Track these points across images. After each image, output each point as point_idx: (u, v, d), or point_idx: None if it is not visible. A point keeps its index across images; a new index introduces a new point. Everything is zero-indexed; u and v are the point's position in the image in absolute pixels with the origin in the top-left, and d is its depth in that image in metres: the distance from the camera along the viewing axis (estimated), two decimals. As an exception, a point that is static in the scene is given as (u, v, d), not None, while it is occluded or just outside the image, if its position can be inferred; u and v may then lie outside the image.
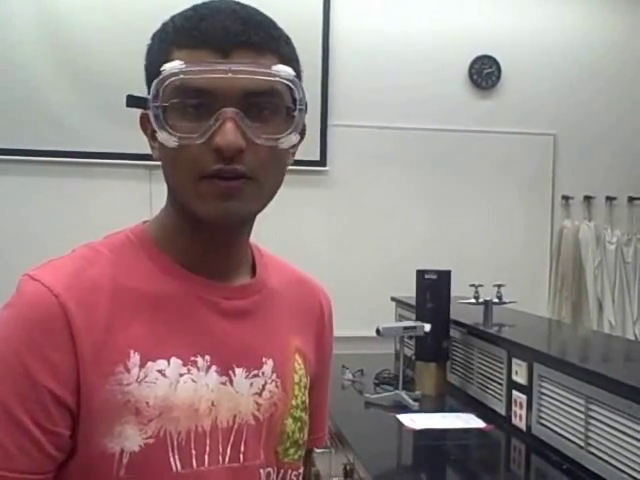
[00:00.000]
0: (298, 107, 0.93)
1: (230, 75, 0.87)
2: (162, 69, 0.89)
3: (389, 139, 5.12)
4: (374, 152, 5.11)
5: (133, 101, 0.94)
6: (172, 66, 0.88)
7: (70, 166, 4.78)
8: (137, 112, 0.97)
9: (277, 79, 0.90)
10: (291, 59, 0.95)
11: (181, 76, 0.88)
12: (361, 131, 5.09)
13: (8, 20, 4.69)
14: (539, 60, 5.32)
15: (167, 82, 0.88)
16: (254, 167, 0.90)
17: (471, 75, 5.26)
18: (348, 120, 5.03)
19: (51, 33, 4.73)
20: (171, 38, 0.92)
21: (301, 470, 1.07)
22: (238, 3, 0.94)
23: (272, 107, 0.91)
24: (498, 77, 5.28)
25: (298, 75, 0.95)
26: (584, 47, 5.36)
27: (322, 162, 5.00)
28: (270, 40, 0.92)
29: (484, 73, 5.27)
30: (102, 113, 4.70)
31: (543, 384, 2.40)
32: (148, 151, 0.99)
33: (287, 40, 0.96)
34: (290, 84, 0.92)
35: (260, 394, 0.99)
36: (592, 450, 2.12)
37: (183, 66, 0.88)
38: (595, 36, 5.37)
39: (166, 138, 0.90)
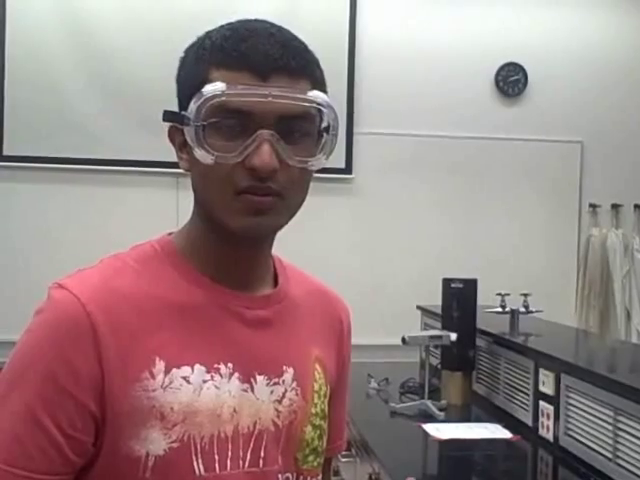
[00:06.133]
0: (331, 132, 0.98)
1: (269, 99, 0.90)
2: (203, 90, 0.91)
3: (415, 147, 5.11)
4: (400, 160, 5.09)
5: (170, 116, 0.97)
6: (214, 88, 0.91)
7: (97, 174, 4.81)
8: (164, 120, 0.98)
9: (314, 105, 0.95)
10: (322, 83, 0.99)
11: (223, 98, 0.91)
12: (387, 139, 5.07)
13: (38, 31, 4.74)
14: (566, 67, 5.27)
15: (209, 103, 0.91)
16: (285, 186, 0.94)
17: (497, 82, 5.24)
18: (374, 128, 5.03)
19: (80, 44, 4.78)
20: (209, 56, 0.94)
21: (320, 477, 1.09)
22: (274, 25, 0.98)
23: (304, 130, 0.95)
24: (524, 84, 5.24)
25: None
26: (611, 54, 5.31)
27: (348, 170, 4.99)
28: (306, 65, 0.96)
29: (510, 80, 5.24)
30: (129, 121, 4.74)
31: (570, 395, 2.38)
32: (175, 159, 1.01)
33: (318, 64, 1.00)
34: (325, 109, 0.96)
35: (280, 401, 1.01)
36: (620, 462, 2.09)
37: (224, 88, 0.91)
38: (622, 43, 5.32)
39: (203, 155, 0.92)
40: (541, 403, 2.56)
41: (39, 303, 0.94)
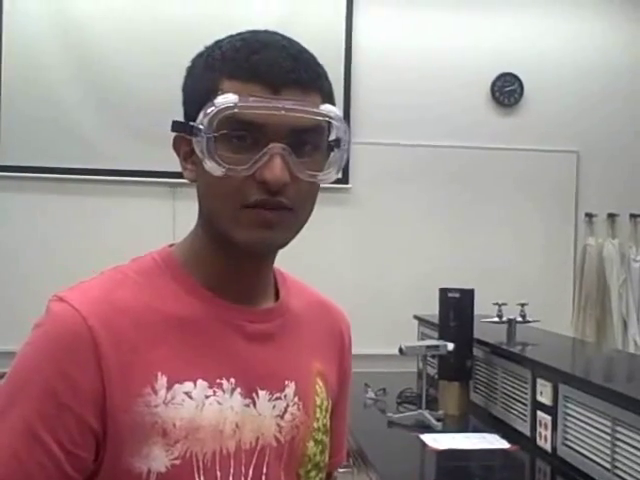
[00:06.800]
0: (342, 146, 0.97)
1: (282, 112, 0.89)
2: (215, 101, 0.90)
3: (411, 156, 5.12)
4: (397, 169, 5.10)
5: (178, 127, 0.96)
6: (226, 100, 0.90)
7: (93, 184, 4.81)
8: (160, 130, 0.98)
9: (326, 118, 0.94)
10: (330, 95, 0.98)
11: (235, 110, 0.89)
12: (384, 149, 5.08)
13: (34, 42, 4.75)
14: (562, 77, 5.30)
15: (221, 115, 0.90)
16: (295, 200, 0.93)
17: (493, 92, 5.26)
18: (370, 138, 5.03)
19: (76, 55, 4.79)
20: (219, 67, 0.93)
21: None
22: (285, 37, 0.97)
23: (315, 143, 0.94)
24: (520, 94, 5.26)
25: None
26: (607, 64, 5.33)
27: (344, 180, 4.99)
28: (316, 78, 0.95)
29: (506, 90, 5.26)
30: (125, 131, 4.75)
31: (568, 405, 2.37)
32: (171, 169, 1.00)
33: (327, 76, 0.98)
34: (336, 123, 0.96)
35: (282, 416, 1.00)
36: (619, 473, 2.08)
37: (237, 100, 0.89)
38: (617, 53, 5.35)
39: (214, 167, 0.91)
40: (539, 413, 2.56)
41: (37, 314, 0.93)
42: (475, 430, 2.87)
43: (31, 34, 4.75)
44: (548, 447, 2.48)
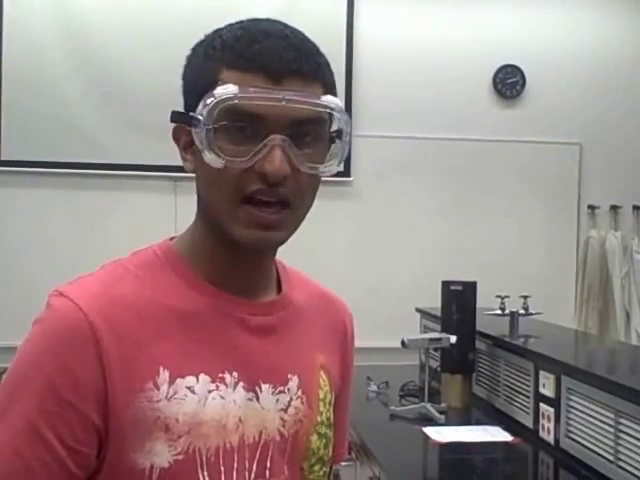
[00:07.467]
0: (344, 138, 0.96)
1: (283, 103, 0.88)
2: (215, 92, 0.89)
3: (413, 149, 5.11)
4: (398, 162, 5.09)
5: (177, 117, 0.95)
6: (226, 90, 0.88)
7: (95, 178, 4.80)
8: (162, 124, 0.97)
9: (327, 110, 0.93)
10: (332, 85, 0.97)
11: (235, 101, 0.88)
12: (385, 141, 5.07)
13: (36, 36, 4.73)
14: (564, 69, 5.28)
15: (220, 106, 0.88)
16: (294, 193, 0.92)
17: (495, 84, 5.24)
18: (372, 130, 5.02)
19: (78, 49, 4.78)
20: (219, 56, 0.92)
21: None
22: (287, 26, 0.95)
23: (316, 135, 0.93)
24: (523, 86, 5.24)
25: None
26: (609, 56, 5.31)
27: (346, 173, 4.98)
28: (318, 68, 0.94)
29: (508, 82, 5.24)
30: (127, 125, 4.74)
31: (571, 397, 2.37)
32: (172, 162, 0.99)
33: (329, 66, 0.97)
34: (337, 114, 0.94)
35: (286, 410, 0.99)
36: (622, 465, 2.08)
37: (237, 91, 0.88)
38: (619, 44, 5.32)
39: (213, 159, 0.90)
40: (541, 405, 2.56)
41: (38, 309, 0.92)
42: (478, 423, 2.87)
43: (32, 28, 4.73)
44: (551, 439, 2.48)
